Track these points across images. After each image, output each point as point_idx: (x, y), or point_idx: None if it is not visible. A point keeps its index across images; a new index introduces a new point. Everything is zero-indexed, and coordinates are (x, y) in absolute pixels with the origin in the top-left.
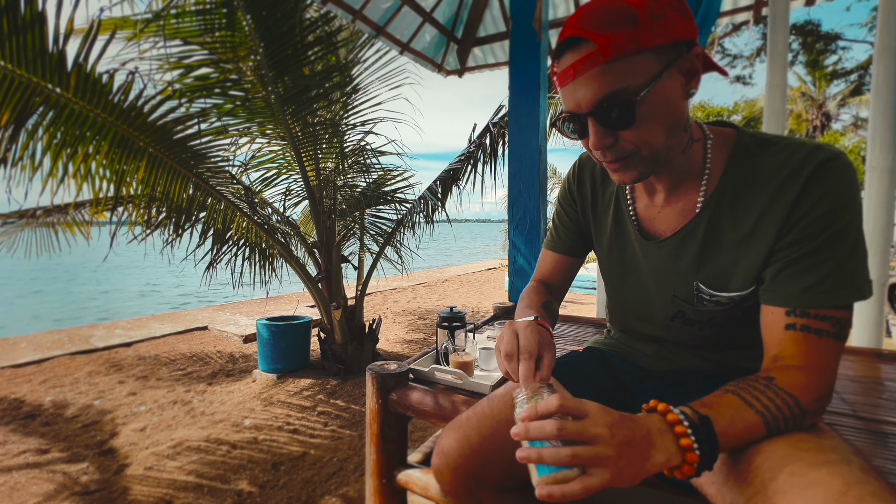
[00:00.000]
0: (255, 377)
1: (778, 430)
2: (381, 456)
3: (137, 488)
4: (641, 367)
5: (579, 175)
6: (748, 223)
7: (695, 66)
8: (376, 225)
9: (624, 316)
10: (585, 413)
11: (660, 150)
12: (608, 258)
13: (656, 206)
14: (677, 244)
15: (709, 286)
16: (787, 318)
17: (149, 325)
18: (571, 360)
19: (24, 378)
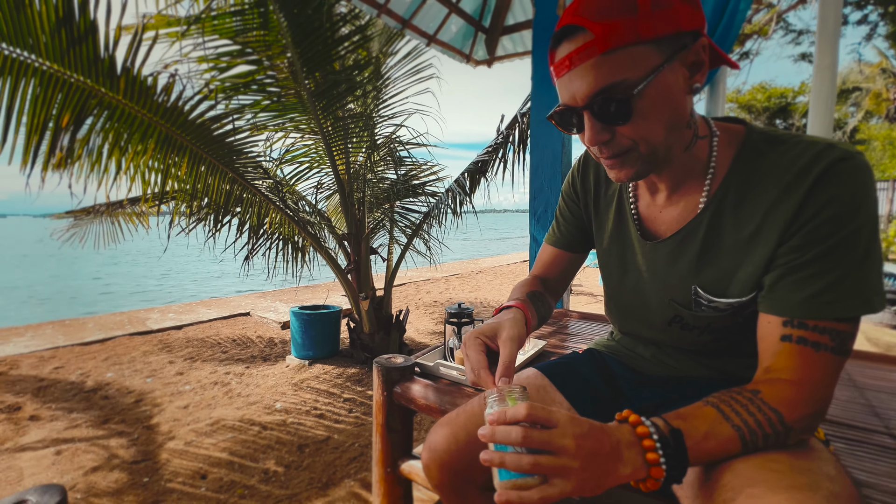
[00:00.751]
0: (289, 362)
1: (756, 446)
2: (385, 446)
3: (177, 461)
4: (640, 371)
5: (584, 169)
6: (750, 226)
7: (700, 59)
8: (406, 217)
9: (622, 317)
10: (554, 423)
11: (659, 147)
12: (607, 256)
13: (658, 205)
14: (676, 245)
15: (707, 291)
16: (783, 329)
17: (197, 310)
18: (570, 361)
19: (90, 355)
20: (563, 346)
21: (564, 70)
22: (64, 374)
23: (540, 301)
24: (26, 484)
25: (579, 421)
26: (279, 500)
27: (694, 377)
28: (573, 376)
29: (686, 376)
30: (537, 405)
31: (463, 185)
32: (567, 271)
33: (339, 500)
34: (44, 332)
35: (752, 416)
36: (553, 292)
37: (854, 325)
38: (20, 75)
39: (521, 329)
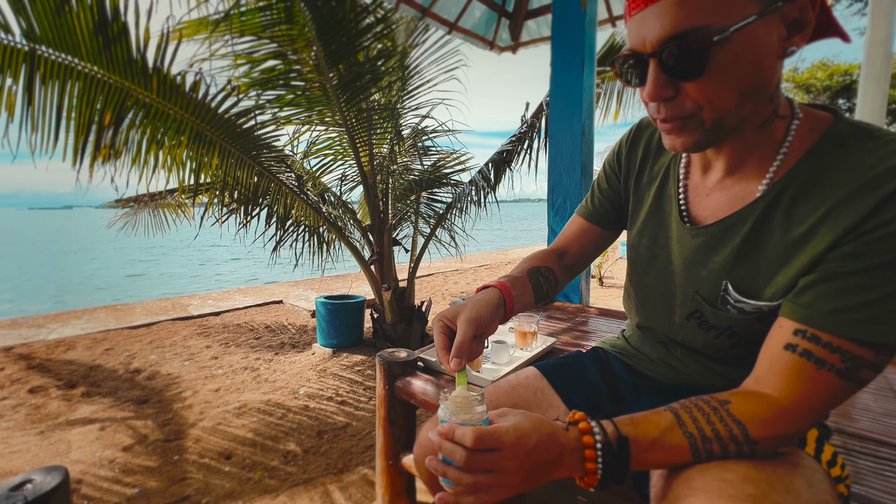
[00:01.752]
0: (315, 350)
1: (711, 456)
2: (387, 439)
3: (206, 440)
4: (642, 374)
5: (633, 139)
6: (805, 224)
7: (805, 18)
8: (431, 207)
9: (640, 306)
10: (499, 447)
11: (727, 115)
12: (638, 237)
13: (707, 186)
14: (717, 235)
15: (738, 289)
16: (791, 337)
17: (234, 298)
18: (573, 363)
19: (137, 338)
20: (575, 344)
21: (639, 6)
22: (113, 355)
23: (543, 277)
24: (73, 456)
25: (524, 441)
26: (296, 483)
27: (698, 384)
28: (574, 379)
29: (690, 383)
30: (484, 434)
31: (487, 176)
32: (591, 248)
33: (352, 486)
34: (98, 315)
35: (711, 425)
36: (569, 269)
37: (879, 354)
38: (66, 78)
39: (489, 310)
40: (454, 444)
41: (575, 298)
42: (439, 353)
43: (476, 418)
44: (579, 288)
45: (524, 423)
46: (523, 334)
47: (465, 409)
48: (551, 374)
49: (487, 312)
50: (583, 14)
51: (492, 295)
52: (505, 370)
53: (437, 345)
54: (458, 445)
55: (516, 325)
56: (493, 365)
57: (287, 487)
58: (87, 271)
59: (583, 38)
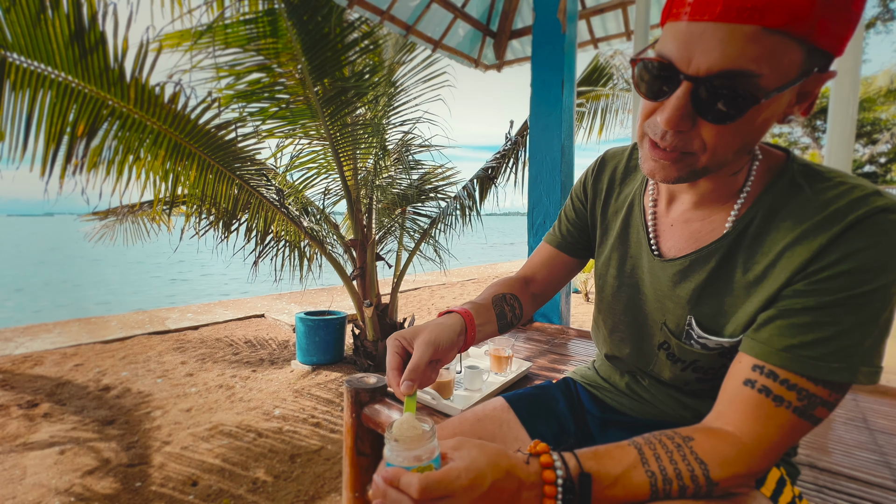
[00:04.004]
0: (293, 367)
1: (668, 495)
2: (353, 470)
3: (171, 466)
4: (611, 408)
5: (599, 169)
6: (761, 265)
7: (814, 90)
8: (415, 222)
9: (608, 336)
10: (449, 494)
11: (718, 164)
12: (605, 266)
13: (671, 217)
14: (682, 270)
15: (701, 325)
16: (749, 373)
17: (214, 311)
18: (542, 393)
19: (109, 353)
20: (551, 368)
21: (702, 16)
22: (82, 371)
23: (508, 305)
24: (28, 482)
25: (478, 483)
26: None
27: (667, 417)
28: (542, 411)
29: (659, 417)
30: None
31: (472, 193)
32: (559, 276)
33: None
34: (70, 329)
35: (674, 464)
36: (535, 297)
37: (833, 392)
38: (38, 87)
39: (448, 336)
40: (400, 492)
41: (555, 318)
42: (390, 374)
43: (426, 457)
44: (559, 307)
45: (479, 460)
46: (499, 359)
47: (413, 446)
48: (518, 406)
49: (447, 338)
50: (562, 36)
51: (454, 321)
52: (478, 396)
53: (389, 364)
54: (404, 495)
55: (491, 350)
56: (466, 391)
57: None
58: (63, 282)
59: (562, 59)
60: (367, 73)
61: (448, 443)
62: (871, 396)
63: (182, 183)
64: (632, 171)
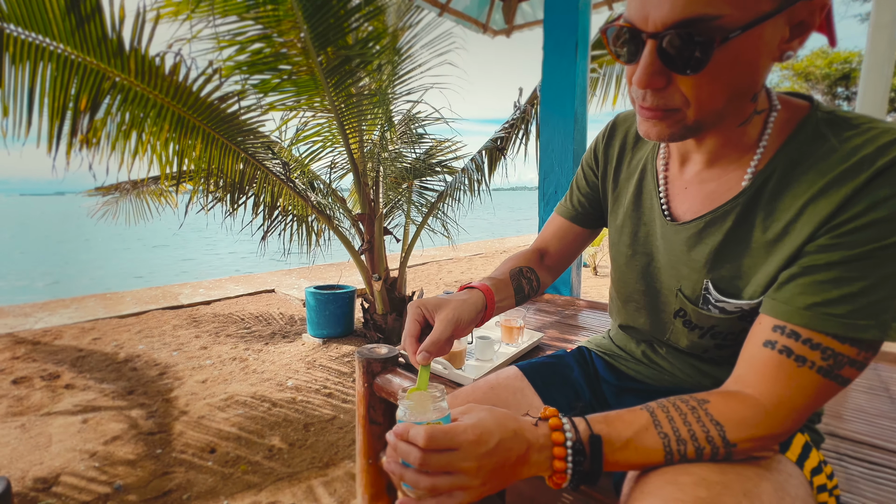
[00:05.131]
0: (305, 340)
1: (683, 458)
2: (367, 438)
3: (189, 434)
4: (627, 376)
5: (610, 134)
6: (782, 221)
7: (811, 21)
8: (422, 196)
9: (623, 305)
10: (455, 446)
11: (710, 116)
12: (618, 235)
13: (684, 180)
14: (697, 232)
15: (719, 289)
16: (770, 334)
17: (226, 286)
18: (556, 362)
19: (126, 327)
20: (563, 339)
21: None
22: (100, 345)
23: (525, 278)
24: (53, 450)
25: (484, 439)
26: (280, 478)
27: (685, 385)
28: (556, 380)
29: (676, 384)
30: (437, 433)
31: (480, 165)
32: (572, 248)
33: (337, 481)
34: (87, 304)
35: (688, 426)
36: (550, 269)
37: (862, 350)
38: (38, 59)
39: (469, 313)
40: (408, 444)
41: (565, 290)
42: (407, 339)
43: (434, 416)
44: (570, 280)
45: (486, 419)
46: (510, 329)
47: (423, 408)
48: (532, 375)
49: (468, 316)
50: None
51: (476, 298)
52: (489, 367)
53: (408, 330)
54: (412, 446)
55: (503, 321)
56: (478, 361)
57: (270, 482)
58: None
59: (576, 20)
60: (372, 40)
61: (458, 409)
62: (892, 366)
63: (187, 156)
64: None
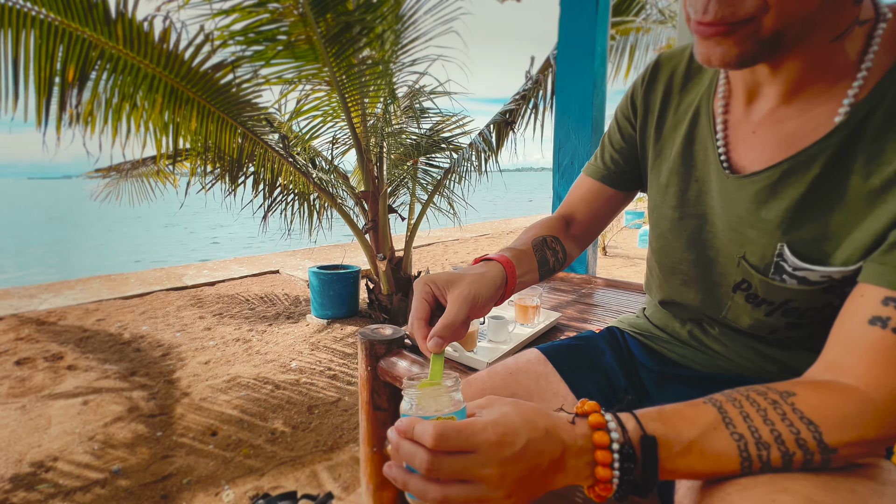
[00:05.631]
0: (309, 321)
1: (765, 467)
2: (370, 425)
3: (190, 416)
4: (669, 360)
5: (651, 77)
6: (891, 166)
7: None
8: (428, 173)
9: (667, 279)
10: (473, 448)
11: (794, 25)
12: (663, 195)
13: (752, 122)
14: (769, 185)
15: (799, 254)
16: (879, 308)
17: (230, 267)
18: (583, 344)
19: (130, 308)
20: (582, 318)
21: None
22: (104, 325)
23: (550, 249)
24: (52, 432)
25: (509, 440)
26: (282, 462)
27: (743, 371)
28: (585, 364)
29: (731, 370)
30: (450, 430)
31: (488, 139)
32: (602, 214)
33: (341, 466)
34: (91, 285)
35: (770, 424)
36: (577, 239)
37: None
38: (20, 26)
39: (487, 290)
40: (414, 444)
41: (580, 269)
42: (415, 323)
43: (447, 410)
44: (585, 257)
45: (511, 415)
46: (524, 308)
47: (433, 399)
48: (557, 359)
49: (486, 293)
50: None
51: (495, 272)
52: (504, 349)
53: (416, 312)
54: (418, 446)
55: (517, 299)
56: (491, 343)
57: (272, 467)
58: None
59: None
60: (372, 5)
61: (476, 402)
62: None
63: (183, 133)
64: (695, 74)
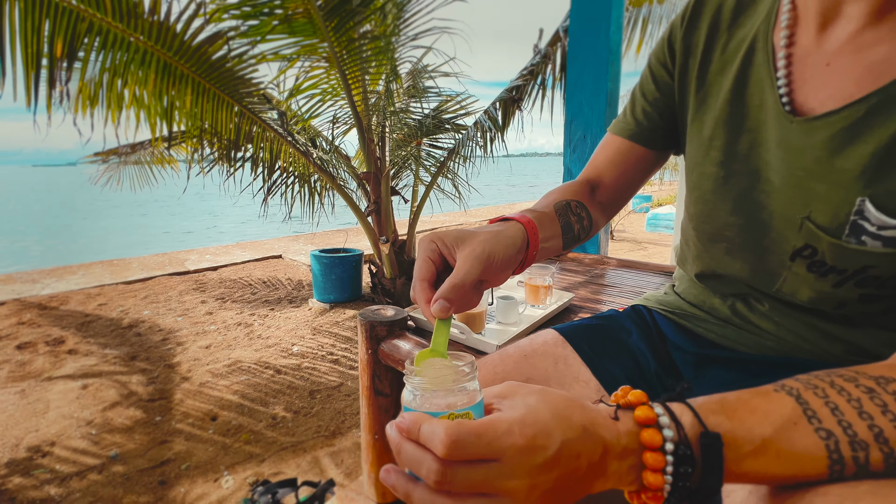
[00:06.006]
0: (311, 305)
1: (860, 471)
2: (372, 411)
3: (190, 401)
4: (707, 340)
5: (694, 13)
6: None
7: None
8: (431, 155)
9: (707, 248)
10: (495, 455)
11: None
12: (706, 150)
13: (826, 52)
14: (847, 126)
15: (885, 209)
16: None
17: (232, 252)
18: (605, 323)
19: (132, 293)
20: (596, 300)
21: None
22: (106, 310)
23: (575, 215)
24: (50, 416)
25: (540, 444)
26: (283, 448)
27: (800, 353)
28: (610, 346)
29: (785, 352)
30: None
31: (494, 118)
32: (632, 176)
33: (344, 452)
34: (93, 270)
35: (867, 419)
36: (604, 207)
37: None
38: None
39: (505, 249)
40: (420, 448)
41: (592, 249)
42: (418, 286)
43: (461, 403)
44: (598, 238)
45: (541, 410)
46: (535, 288)
47: (443, 385)
48: (577, 339)
49: (503, 254)
50: None
51: (513, 231)
52: (514, 331)
53: (419, 273)
54: (426, 452)
55: (527, 278)
56: (500, 325)
57: (273, 453)
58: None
59: None
60: None
61: (493, 389)
62: None
63: (178, 107)
64: (747, 6)
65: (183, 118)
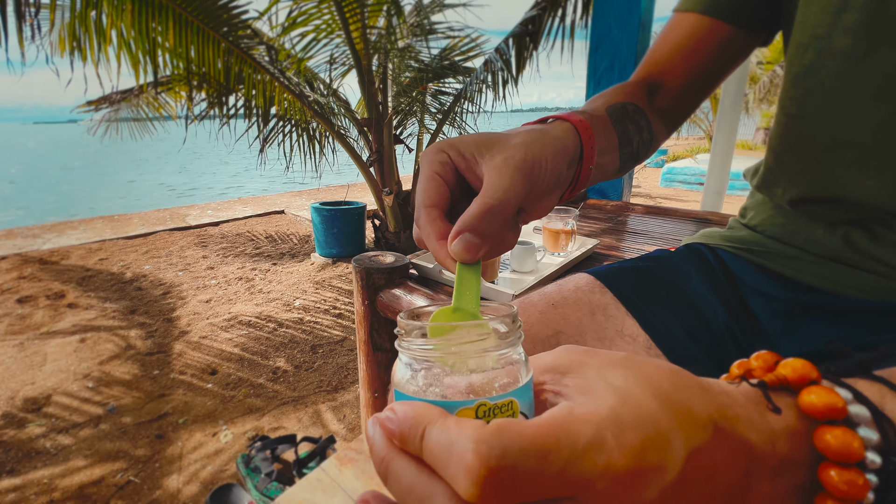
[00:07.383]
0: (314, 260)
1: None
2: (369, 367)
3: (189, 354)
4: (802, 285)
5: None
6: None
7: None
8: (438, 99)
9: (817, 160)
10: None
11: None
12: (836, 13)
13: None
14: None
15: None
16: None
17: (234, 208)
18: (652, 266)
19: (133, 248)
20: (623, 247)
21: None
22: (107, 265)
23: (632, 122)
24: (47, 369)
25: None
26: (284, 402)
27: None
28: (660, 291)
29: None
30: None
31: (506, 56)
32: (711, 69)
33: (346, 406)
34: (94, 226)
35: None
36: (666, 114)
37: None
38: None
39: (553, 155)
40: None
41: (614, 195)
42: (423, 215)
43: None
44: (621, 183)
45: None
46: (555, 233)
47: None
48: (619, 284)
49: (552, 161)
50: None
51: (561, 131)
52: (531, 280)
53: (424, 197)
54: (436, 482)
55: (545, 223)
56: (515, 274)
57: (274, 407)
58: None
59: None
60: None
61: (542, 359)
62: None
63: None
64: None
65: (168, 56)
